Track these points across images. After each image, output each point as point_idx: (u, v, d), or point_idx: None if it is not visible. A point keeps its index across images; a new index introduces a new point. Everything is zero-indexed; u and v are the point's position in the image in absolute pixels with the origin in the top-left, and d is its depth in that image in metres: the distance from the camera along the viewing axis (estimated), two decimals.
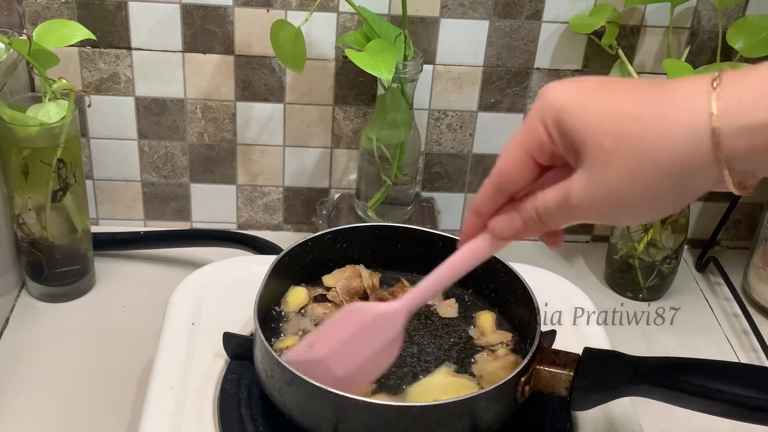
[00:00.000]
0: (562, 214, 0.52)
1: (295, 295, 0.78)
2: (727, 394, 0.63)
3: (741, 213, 1.11)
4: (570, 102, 0.50)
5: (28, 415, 0.82)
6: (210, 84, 0.99)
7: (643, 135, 0.47)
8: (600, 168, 0.49)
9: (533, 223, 0.54)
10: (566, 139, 0.50)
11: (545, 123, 0.51)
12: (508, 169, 0.54)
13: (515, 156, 0.53)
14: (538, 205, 0.53)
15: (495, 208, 0.56)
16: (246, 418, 0.70)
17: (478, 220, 0.57)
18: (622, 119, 0.47)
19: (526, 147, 0.52)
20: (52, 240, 0.91)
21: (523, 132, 0.52)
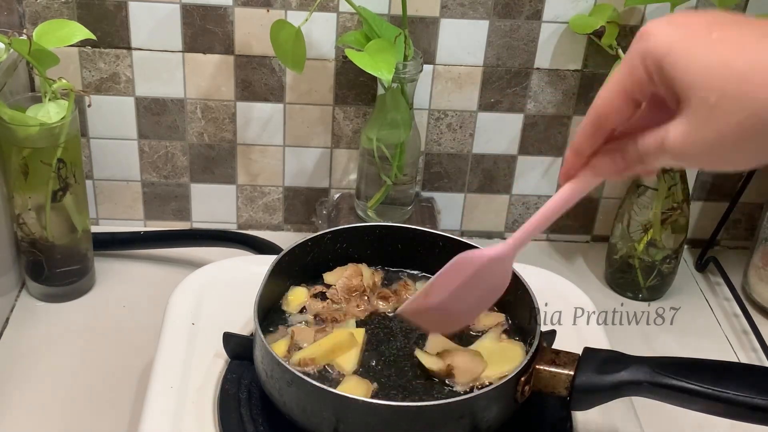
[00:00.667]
0: (662, 159, 0.52)
1: (296, 294, 0.78)
2: (727, 394, 0.63)
3: (741, 213, 1.11)
4: (673, 47, 0.48)
5: (28, 415, 0.82)
6: (210, 84, 0.99)
7: (750, 97, 0.46)
8: (702, 122, 0.48)
9: (636, 164, 0.54)
10: (669, 84, 0.49)
11: (647, 66, 0.50)
12: (609, 109, 0.53)
13: (615, 96, 0.52)
14: (639, 147, 0.53)
15: (595, 146, 0.56)
16: (246, 418, 0.70)
17: (579, 158, 0.57)
18: (729, 76, 0.46)
19: (626, 87, 0.52)
20: (52, 240, 0.91)
21: (624, 73, 0.51)
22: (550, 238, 1.13)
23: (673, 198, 0.97)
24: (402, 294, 0.79)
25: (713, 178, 1.09)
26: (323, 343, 0.72)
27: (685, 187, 0.97)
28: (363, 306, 0.77)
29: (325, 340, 0.72)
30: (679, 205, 0.97)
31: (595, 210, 1.11)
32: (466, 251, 0.65)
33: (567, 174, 0.58)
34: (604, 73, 0.98)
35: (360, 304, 0.77)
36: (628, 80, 0.51)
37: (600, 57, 0.99)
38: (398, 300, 0.78)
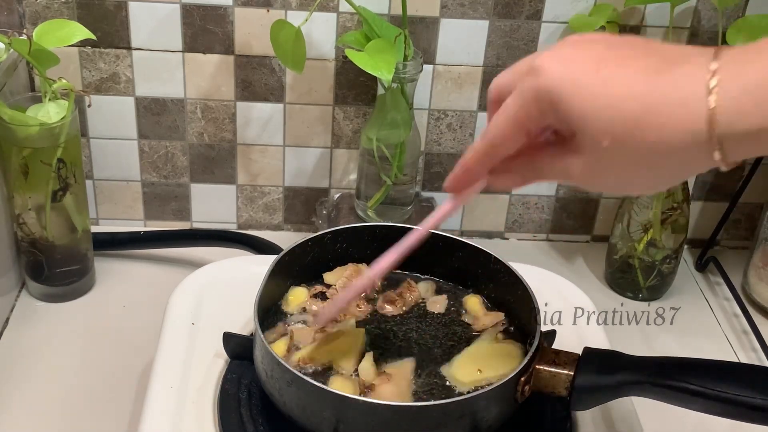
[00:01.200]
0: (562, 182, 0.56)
1: (296, 295, 0.78)
2: (727, 394, 0.63)
3: (741, 213, 1.12)
4: (564, 87, 0.49)
5: (28, 415, 0.82)
6: (210, 84, 0.99)
7: (643, 138, 0.47)
8: (598, 161, 0.50)
9: (534, 179, 0.56)
10: (562, 121, 0.50)
11: (539, 102, 0.50)
12: (501, 139, 0.54)
13: (508, 128, 0.53)
14: (537, 169, 0.55)
15: (488, 169, 0.57)
16: (246, 418, 0.70)
17: (468, 177, 0.58)
18: (620, 119, 0.47)
19: (519, 120, 0.52)
20: (52, 240, 0.91)
21: (517, 107, 0.52)
22: (550, 238, 1.13)
23: (673, 198, 0.97)
24: (407, 296, 0.79)
25: (713, 178, 1.09)
26: (323, 342, 0.72)
27: (685, 187, 0.97)
28: (363, 306, 0.77)
29: (325, 340, 0.72)
30: (679, 205, 0.97)
31: (595, 210, 1.11)
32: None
33: (455, 187, 0.60)
34: None
35: (360, 304, 0.77)
36: (521, 113, 0.52)
37: None
38: (404, 303, 0.78)
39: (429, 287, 0.81)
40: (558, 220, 1.11)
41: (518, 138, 0.53)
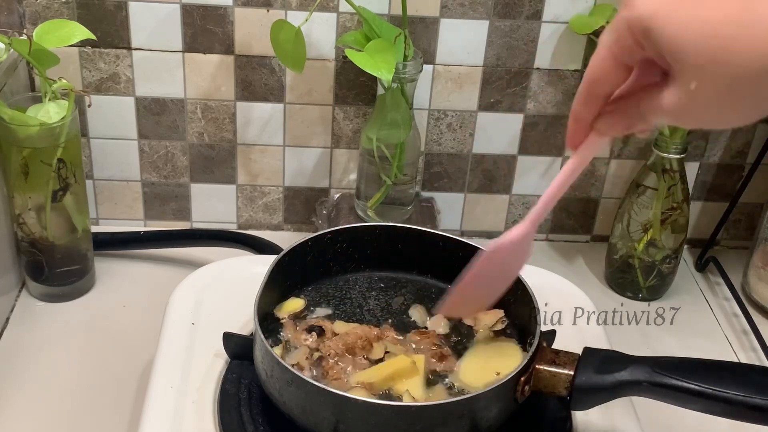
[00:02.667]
0: (662, 118, 0.53)
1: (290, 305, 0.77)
2: (727, 394, 0.63)
3: (741, 213, 1.12)
4: (658, 13, 0.49)
5: (28, 414, 0.82)
6: (210, 84, 0.99)
7: (739, 59, 0.46)
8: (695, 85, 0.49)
9: (639, 123, 0.55)
10: (658, 50, 0.50)
11: (633, 33, 0.50)
12: (600, 75, 0.54)
13: (605, 63, 0.53)
14: (643, 109, 0.54)
15: (594, 111, 0.56)
16: (246, 418, 0.70)
17: (580, 124, 0.58)
18: (714, 38, 0.47)
19: (615, 54, 0.52)
20: (52, 240, 0.91)
21: (611, 40, 0.52)
22: (550, 238, 1.13)
23: (673, 198, 0.97)
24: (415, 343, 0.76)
25: (713, 178, 1.09)
26: (383, 368, 0.70)
27: (685, 187, 0.98)
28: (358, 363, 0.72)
29: (386, 366, 0.71)
30: (679, 205, 0.97)
31: (595, 210, 1.11)
32: (492, 245, 0.65)
33: (573, 141, 0.59)
34: None
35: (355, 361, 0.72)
36: (616, 47, 0.52)
37: None
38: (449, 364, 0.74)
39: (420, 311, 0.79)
40: (558, 220, 1.11)
41: (617, 72, 0.53)
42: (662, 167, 0.96)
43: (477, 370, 0.72)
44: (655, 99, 0.52)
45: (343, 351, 0.71)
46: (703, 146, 1.07)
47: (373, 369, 0.70)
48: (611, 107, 0.56)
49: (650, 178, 0.97)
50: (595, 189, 1.09)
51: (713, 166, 1.08)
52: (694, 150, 1.06)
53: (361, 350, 0.72)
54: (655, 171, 0.96)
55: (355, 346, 0.72)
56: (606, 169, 1.07)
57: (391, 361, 0.71)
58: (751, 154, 1.07)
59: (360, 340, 0.72)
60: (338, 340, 0.72)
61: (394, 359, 0.71)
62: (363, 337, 0.72)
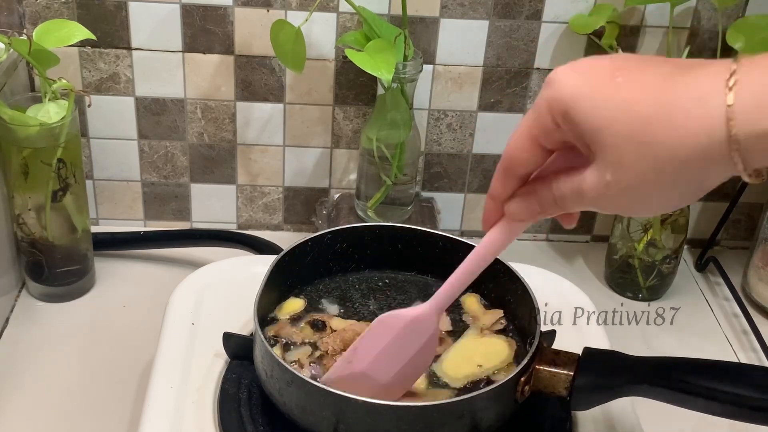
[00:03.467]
0: (578, 204, 0.52)
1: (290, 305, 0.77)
2: (727, 394, 0.63)
3: (741, 213, 1.12)
4: (578, 96, 0.48)
5: (28, 415, 0.82)
6: (210, 84, 0.99)
7: (657, 141, 0.45)
8: (613, 168, 0.48)
9: (550, 208, 0.54)
10: (576, 132, 0.49)
11: (553, 114, 0.50)
12: (517, 156, 0.53)
13: (524, 143, 0.53)
14: (555, 194, 0.53)
15: (509, 191, 0.56)
16: (246, 418, 0.70)
17: (495, 204, 0.57)
18: (634, 121, 0.46)
19: (534, 135, 0.52)
20: (52, 240, 0.91)
21: (532, 120, 0.52)
22: (550, 238, 1.13)
23: None
24: None
25: None
26: None
27: None
28: None
29: None
30: None
31: None
32: (386, 313, 0.65)
33: (487, 222, 0.59)
34: None
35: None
36: (535, 127, 0.51)
37: None
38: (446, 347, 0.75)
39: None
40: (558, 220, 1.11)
41: (534, 153, 0.52)
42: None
43: (460, 361, 0.72)
44: (570, 182, 0.51)
45: (341, 347, 0.71)
46: None
47: None
48: (525, 190, 0.55)
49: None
50: None
51: None
52: None
53: None
54: None
55: (353, 341, 0.72)
56: None
57: None
58: None
59: (358, 336, 0.72)
60: (336, 336, 0.72)
61: None
62: (360, 333, 0.72)
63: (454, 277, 0.62)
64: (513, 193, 0.56)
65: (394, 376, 0.66)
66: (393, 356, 0.65)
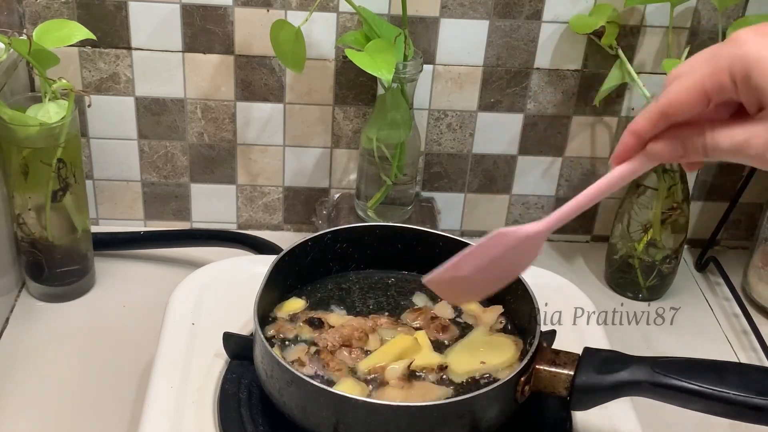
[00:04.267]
0: (731, 155, 0.53)
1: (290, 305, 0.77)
2: (727, 394, 0.63)
3: (741, 213, 1.11)
4: (763, 59, 0.49)
5: (28, 415, 0.82)
6: (210, 84, 0.99)
7: None
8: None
9: (696, 154, 0.55)
10: (752, 92, 0.50)
11: (733, 71, 0.50)
12: (681, 102, 0.53)
13: (691, 92, 0.52)
14: (707, 142, 0.53)
15: (656, 132, 0.56)
16: (246, 418, 0.70)
17: (636, 141, 0.57)
18: None
19: (705, 87, 0.52)
20: (52, 240, 0.91)
21: (707, 74, 0.52)
22: (550, 238, 1.13)
23: (673, 198, 0.97)
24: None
25: (713, 178, 1.09)
26: (389, 350, 0.71)
27: (685, 187, 0.97)
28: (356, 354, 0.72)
29: (391, 347, 0.72)
30: (679, 205, 0.97)
31: (595, 210, 1.11)
32: (505, 228, 0.64)
33: (621, 156, 0.58)
34: (604, 73, 0.98)
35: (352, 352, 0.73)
36: (709, 80, 0.51)
37: (600, 57, 0.99)
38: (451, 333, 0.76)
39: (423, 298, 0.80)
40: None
41: (698, 106, 0.53)
42: (662, 167, 0.96)
43: (465, 356, 0.72)
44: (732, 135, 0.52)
45: (340, 343, 0.72)
46: None
47: (379, 353, 0.71)
48: (673, 133, 0.55)
49: (650, 178, 0.97)
50: None
51: (713, 166, 1.08)
52: None
53: (358, 341, 0.72)
54: (656, 171, 0.96)
55: (351, 338, 0.72)
56: (606, 169, 1.07)
57: (393, 341, 0.72)
58: None
59: (356, 331, 0.73)
60: (334, 332, 0.73)
61: (397, 339, 0.73)
62: (359, 328, 0.73)
63: (576, 200, 0.61)
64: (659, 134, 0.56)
65: (491, 280, 0.67)
66: (497, 264, 0.66)
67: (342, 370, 0.70)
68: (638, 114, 0.56)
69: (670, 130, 0.55)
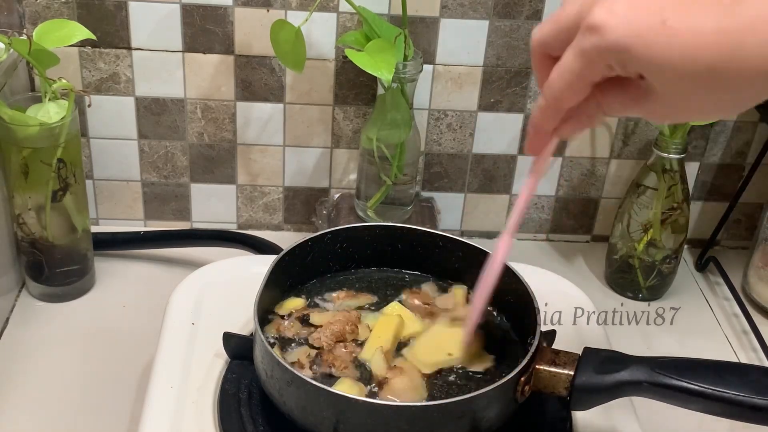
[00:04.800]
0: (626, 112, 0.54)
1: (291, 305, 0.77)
2: (727, 394, 0.63)
3: (741, 213, 1.12)
4: (632, 44, 0.47)
5: (28, 414, 0.82)
6: (210, 84, 0.99)
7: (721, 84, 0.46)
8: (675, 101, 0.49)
9: (599, 118, 0.56)
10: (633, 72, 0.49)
11: (606, 60, 0.49)
12: (567, 96, 0.53)
13: (574, 84, 0.52)
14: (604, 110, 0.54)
15: (557, 122, 0.56)
16: (246, 418, 0.70)
17: (542, 134, 0.58)
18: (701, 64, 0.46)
19: (585, 77, 0.51)
20: (52, 240, 0.91)
21: (581, 65, 0.51)
22: (550, 238, 1.13)
23: (673, 198, 0.97)
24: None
25: (713, 178, 1.09)
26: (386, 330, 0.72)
27: (685, 187, 0.97)
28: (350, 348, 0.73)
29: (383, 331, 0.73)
30: (679, 205, 0.97)
31: (595, 210, 1.11)
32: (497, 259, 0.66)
33: (535, 149, 0.60)
34: None
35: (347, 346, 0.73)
36: (586, 70, 0.51)
37: None
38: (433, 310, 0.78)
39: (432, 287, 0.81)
40: (558, 220, 1.11)
41: (583, 90, 0.53)
42: (662, 167, 0.96)
43: (431, 347, 0.72)
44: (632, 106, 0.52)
45: (334, 340, 0.72)
46: (703, 146, 1.07)
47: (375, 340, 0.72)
48: (571, 113, 0.56)
49: (650, 178, 0.97)
50: (595, 189, 1.09)
51: (713, 166, 1.08)
52: (694, 150, 1.06)
53: (351, 334, 0.73)
54: (655, 171, 0.96)
55: (344, 332, 0.73)
56: (606, 169, 1.07)
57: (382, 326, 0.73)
58: (751, 154, 1.07)
59: (347, 325, 0.73)
60: (326, 329, 0.73)
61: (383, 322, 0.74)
62: (348, 321, 0.73)
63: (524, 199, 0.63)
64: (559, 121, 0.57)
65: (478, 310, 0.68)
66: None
67: (348, 367, 0.70)
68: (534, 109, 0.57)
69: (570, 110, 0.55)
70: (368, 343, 0.72)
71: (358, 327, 0.74)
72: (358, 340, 0.73)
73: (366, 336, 0.73)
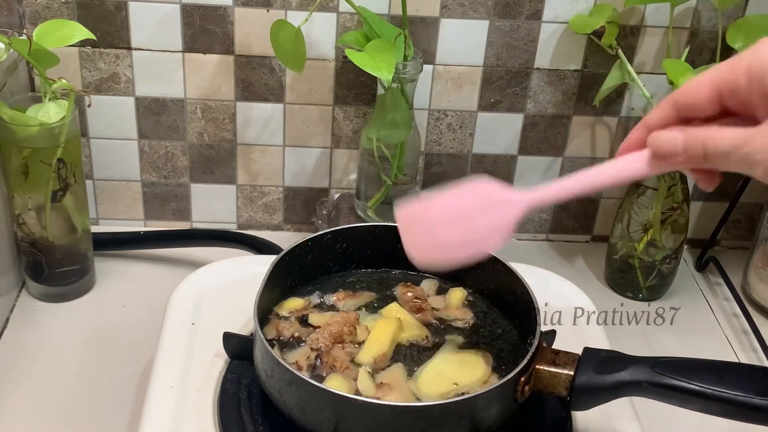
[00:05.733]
0: (730, 159, 0.51)
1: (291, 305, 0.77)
2: (727, 394, 0.63)
3: (741, 213, 1.12)
4: None
5: (28, 414, 0.82)
6: (210, 84, 0.99)
7: None
8: None
9: (694, 153, 0.53)
10: (765, 96, 0.49)
11: (750, 71, 0.50)
12: (693, 94, 0.53)
13: (705, 87, 0.52)
14: (708, 141, 0.52)
15: (665, 122, 0.55)
16: (246, 418, 0.70)
17: (645, 133, 0.56)
18: None
19: (720, 84, 0.52)
20: (52, 240, 0.91)
21: (724, 70, 0.52)
22: (550, 238, 1.13)
23: (673, 198, 0.97)
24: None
25: None
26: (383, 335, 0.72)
27: (685, 187, 0.97)
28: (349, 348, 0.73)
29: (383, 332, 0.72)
30: (679, 205, 0.97)
31: (595, 210, 1.11)
32: (484, 180, 0.62)
33: (626, 147, 0.58)
34: (604, 73, 0.98)
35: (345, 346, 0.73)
36: (725, 78, 0.51)
37: (600, 57, 0.99)
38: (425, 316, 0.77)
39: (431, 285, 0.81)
40: (558, 220, 1.11)
41: (710, 102, 0.52)
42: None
43: (435, 378, 0.70)
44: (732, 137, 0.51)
45: (332, 342, 0.72)
46: None
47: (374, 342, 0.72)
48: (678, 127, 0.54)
49: (650, 178, 0.97)
50: None
51: None
52: None
53: (349, 336, 0.73)
54: None
55: (342, 334, 0.72)
56: None
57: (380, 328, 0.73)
58: None
59: (346, 326, 0.73)
60: (323, 331, 0.73)
61: (382, 324, 0.73)
62: (346, 323, 0.73)
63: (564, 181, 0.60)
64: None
65: (455, 242, 0.63)
66: (467, 225, 0.63)
67: (349, 368, 0.70)
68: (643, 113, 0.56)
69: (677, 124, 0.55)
70: (366, 345, 0.72)
71: (356, 328, 0.74)
72: (357, 342, 0.73)
73: (364, 337, 0.73)
